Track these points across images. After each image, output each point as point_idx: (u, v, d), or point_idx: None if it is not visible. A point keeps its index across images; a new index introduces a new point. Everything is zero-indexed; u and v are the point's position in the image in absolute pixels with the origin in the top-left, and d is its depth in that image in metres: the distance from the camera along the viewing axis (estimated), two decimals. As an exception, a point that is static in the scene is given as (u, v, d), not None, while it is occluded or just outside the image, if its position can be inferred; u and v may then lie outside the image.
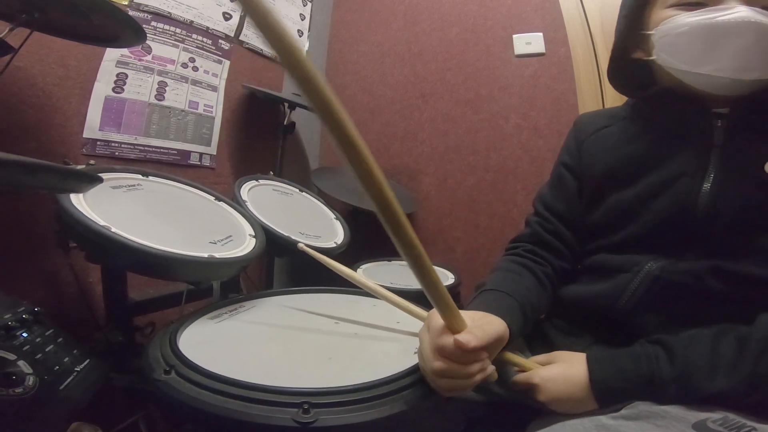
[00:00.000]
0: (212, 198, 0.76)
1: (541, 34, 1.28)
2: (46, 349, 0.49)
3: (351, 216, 1.13)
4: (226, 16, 1.30)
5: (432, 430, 0.52)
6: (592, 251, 0.54)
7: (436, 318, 0.38)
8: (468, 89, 1.30)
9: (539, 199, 0.63)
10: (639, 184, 0.50)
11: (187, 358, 0.42)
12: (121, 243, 0.48)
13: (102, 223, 0.50)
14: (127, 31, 0.77)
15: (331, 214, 1.05)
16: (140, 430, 0.69)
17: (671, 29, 0.49)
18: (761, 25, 0.43)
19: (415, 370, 0.41)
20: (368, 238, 1.19)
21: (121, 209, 0.56)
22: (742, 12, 0.44)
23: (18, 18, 0.65)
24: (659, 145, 0.52)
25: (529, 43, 1.29)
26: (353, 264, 1.09)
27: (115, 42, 0.87)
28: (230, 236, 0.66)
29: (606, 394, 0.41)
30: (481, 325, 0.39)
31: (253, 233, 0.71)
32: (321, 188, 1.12)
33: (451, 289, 0.98)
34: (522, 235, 0.63)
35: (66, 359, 0.50)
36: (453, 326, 0.37)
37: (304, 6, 1.59)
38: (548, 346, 0.55)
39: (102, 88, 1.01)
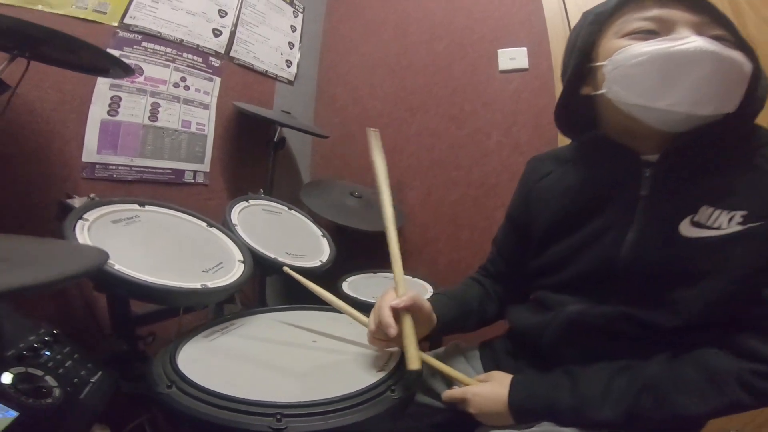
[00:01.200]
0: (204, 224, 0.88)
1: (525, 48, 1.38)
2: (66, 365, 0.61)
3: (339, 229, 1.24)
4: (216, 33, 1.40)
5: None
6: (536, 287, 0.65)
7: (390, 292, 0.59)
8: (453, 104, 1.41)
9: (494, 241, 0.76)
10: (574, 236, 0.58)
11: (184, 374, 0.54)
12: (124, 279, 0.59)
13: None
14: (114, 67, 0.89)
15: (318, 232, 1.17)
16: (145, 430, 0.82)
17: (626, 59, 0.49)
18: (718, 55, 0.45)
19: (374, 386, 0.52)
20: (355, 251, 1.31)
21: (122, 244, 0.67)
22: (698, 41, 0.45)
23: (12, 54, 0.77)
24: (594, 196, 0.57)
25: (513, 58, 1.39)
26: (341, 276, 1.20)
27: (105, 73, 0.99)
28: (221, 263, 0.78)
29: (520, 413, 0.52)
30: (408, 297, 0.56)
31: (242, 258, 0.83)
32: (309, 206, 1.23)
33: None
34: (480, 267, 0.78)
35: (83, 372, 0.62)
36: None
37: (295, 17, 1.69)
38: (495, 362, 0.66)
39: (98, 112, 1.11)
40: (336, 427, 0.46)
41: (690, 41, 0.46)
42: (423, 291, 1.15)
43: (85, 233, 0.66)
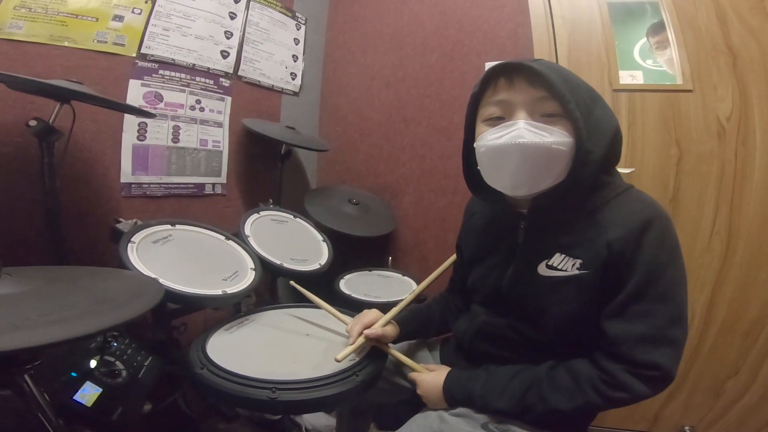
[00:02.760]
0: (223, 237, 1.13)
1: (510, 62, 1.54)
2: (128, 352, 0.88)
3: (338, 233, 1.48)
4: (224, 54, 1.61)
5: (365, 405, 0.89)
6: (471, 301, 0.87)
7: (375, 313, 0.87)
8: (443, 117, 1.59)
9: (455, 263, 0.97)
10: (481, 266, 0.80)
11: (212, 359, 0.79)
12: (168, 291, 0.85)
13: (152, 275, 0.87)
14: (136, 112, 1.13)
15: (319, 237, 1.41)
16: (179, 404, 1.11)
17: (478, 148, 0.68)
18: (523, 146, 0.60)
19: (344, 371, 0.76)
20: (353, 253, 1.55)
21: (162, 261, 0.93)
22: (514, 132, 0.60)
23: (60, 104, 1.01)
24: (492, 239, 0.79)
25: (499, 71, 1.55)
26: (339, 274, 1.44)
27: (132, 113, 1.24)
28: (236, 272, 1.03)
29: (449, 397, 0.74)
30: (379, 327, 0.83)
31: (254, 266, 1.08)
32: (312, 214, 1.47)
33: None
34: (449, 281, 1.01)
35: (139, 358, 0.90)
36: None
37: (298, 30, 1.89)
38: (447, 354, 0.90)
39: (129, 138, 1.36)
40: (312, 398, 0.70)
41: (512, 130, 0.61)
42: (410, 288, 1.39)
43: (134, 254, 0.92)
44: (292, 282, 1.06)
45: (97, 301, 0.52)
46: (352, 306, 1.17)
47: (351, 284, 1.39)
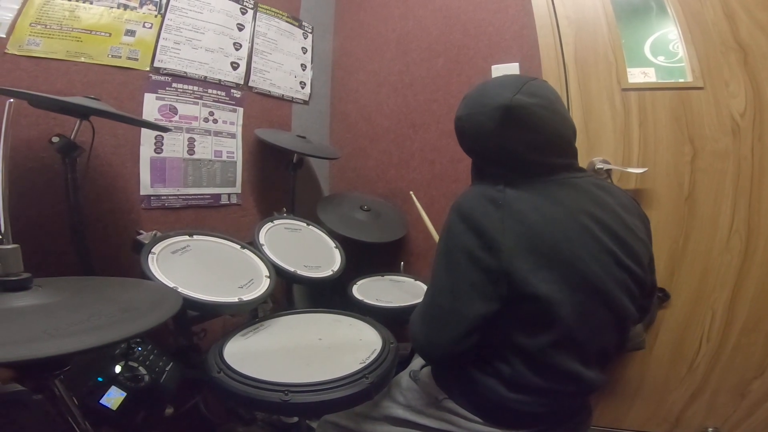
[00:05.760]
0: (239, 247, 1.18)
1: (517, 64, 1.56)
2: (150, 358, 0.93)
3: (350, 240, 1.51)
4: (234, 66, 1.66)
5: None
6: None
7: None
8: (451, 121, 1.59)
9: None
10: None
11: (228, 364, 0.83)
12: (185, 299, 0.89)
13: (172, 285, 0.91)
14: (151, 127, 1.19)
15: (332, 243, 1.44)
16: (200, 407, 1.16)
17: None
18: None
19: (354, 374, 0.79)
20: (365, 258, 1.58)
21: (181, 271, 0.98)
22: None
23: (80, 120, 1.06)
24: None
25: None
26: (352, 279, 1.47)
27: (148, 128, 1.30)
28: (252, 279, 1.07)
29: None
30: None
31: (268, 274, 1.12)
32: (324, 222, 1.51)
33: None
34: None
35: (161, 363, 0.94)
36: None
37: (305, 38, 1.94)
38: None
39: (147, 151, 1.42)
40: (324, 399, 0.74)
41: None
42: (422, 292, 1.41)
43: (155, 264, 0.96)
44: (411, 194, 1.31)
45: (121, 310, 0.56)
46: (364, 311, 1.20)
47: (363, 289, 1.42)
